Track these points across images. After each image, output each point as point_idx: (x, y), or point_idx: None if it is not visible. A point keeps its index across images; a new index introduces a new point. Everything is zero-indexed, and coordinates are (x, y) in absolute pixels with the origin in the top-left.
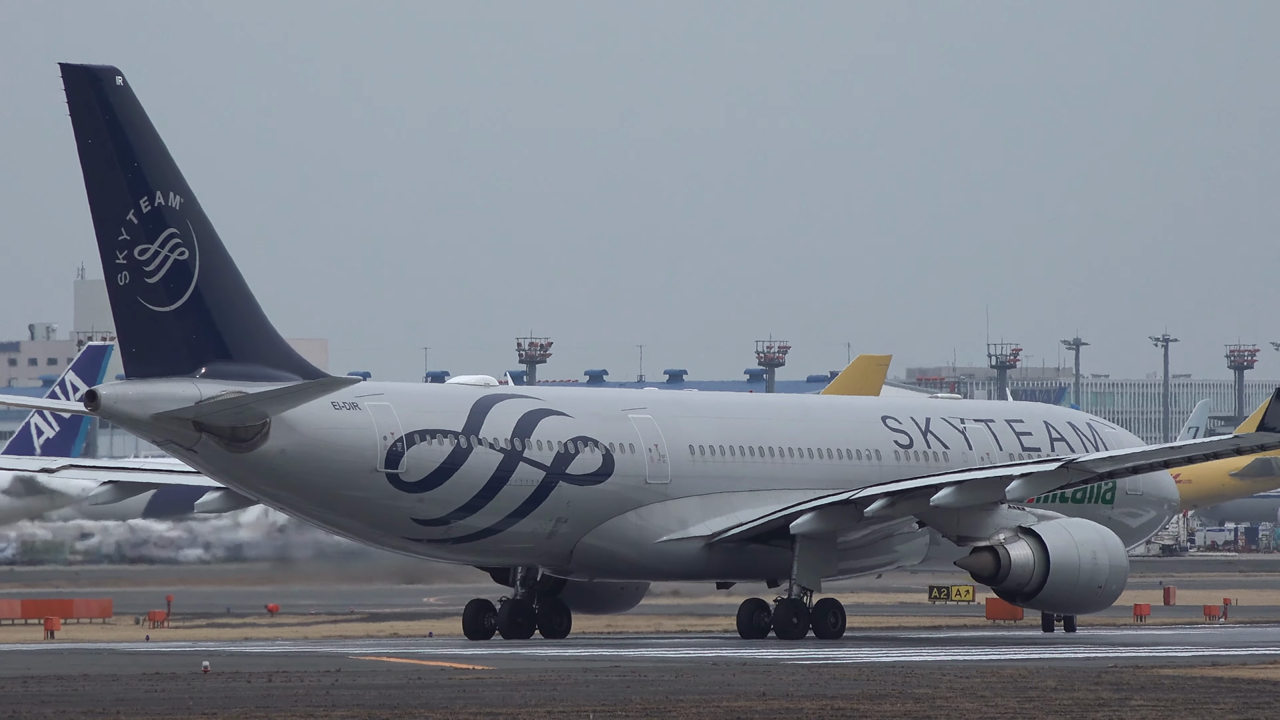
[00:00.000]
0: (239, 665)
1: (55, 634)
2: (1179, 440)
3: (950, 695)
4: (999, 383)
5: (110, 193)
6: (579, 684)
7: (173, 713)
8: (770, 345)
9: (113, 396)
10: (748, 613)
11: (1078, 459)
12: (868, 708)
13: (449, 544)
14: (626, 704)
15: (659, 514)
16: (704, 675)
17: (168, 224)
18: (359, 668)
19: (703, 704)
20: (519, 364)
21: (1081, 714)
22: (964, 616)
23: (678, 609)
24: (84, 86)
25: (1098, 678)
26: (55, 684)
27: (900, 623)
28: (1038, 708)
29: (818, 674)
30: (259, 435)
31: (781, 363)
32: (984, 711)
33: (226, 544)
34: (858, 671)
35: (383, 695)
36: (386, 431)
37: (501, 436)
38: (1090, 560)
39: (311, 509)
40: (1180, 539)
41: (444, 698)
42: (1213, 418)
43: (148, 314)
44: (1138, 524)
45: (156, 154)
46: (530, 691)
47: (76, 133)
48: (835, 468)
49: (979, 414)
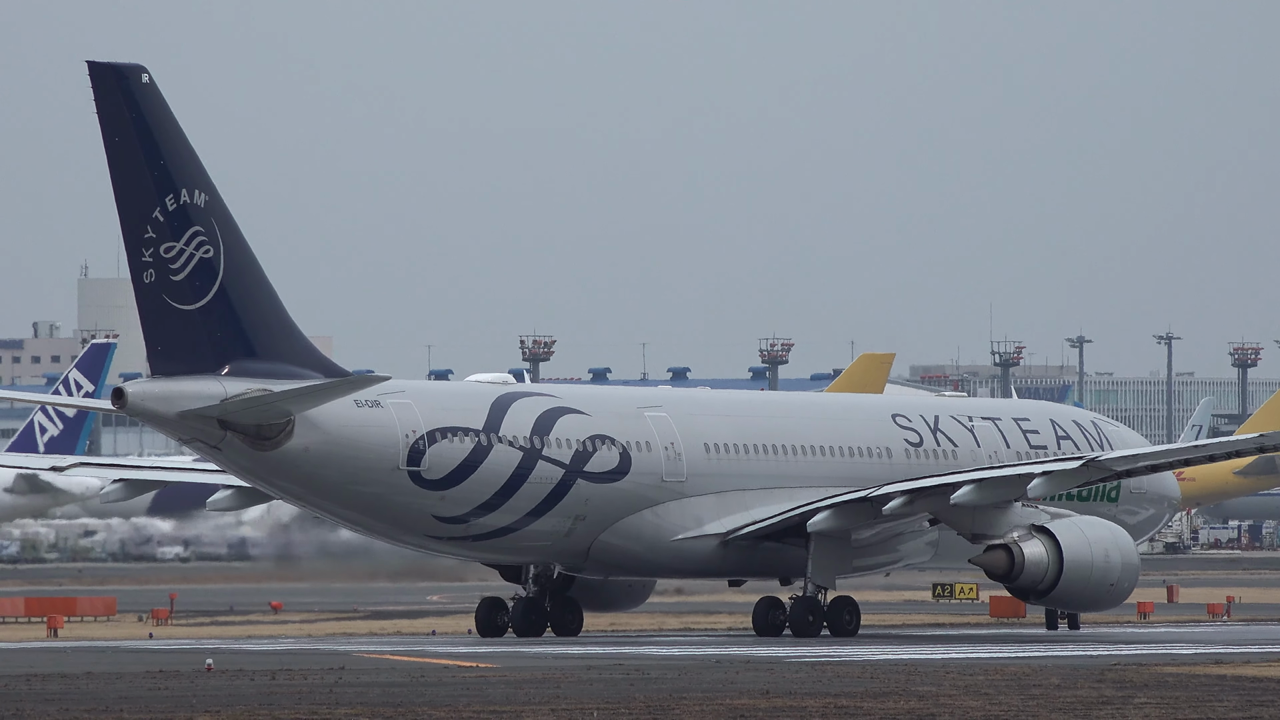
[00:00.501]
0: (242, 663)
1: (58, 632)
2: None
3: (954, 693)
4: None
5: (137, 190)
6: (583, 682)
7: (176, 711)
8: (773, 343)
9: (140, 394)
10: (763, 611)
11: (1100, 457)
12: (871, 705)
13: (469, 542)
14: (630, 702)
15: (675, 512)
16: (707, 673)
17: (193, 222)
18: (362, 665)
19: (706, 702)
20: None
21: (1085, 712)
22: (968, 614)
23: (681, 607)
24: (111, 85)
25: (1101, 675)
26: (58, 682)
27: (904, 621)
28: (1041, 705)
29: (821, 672)
30: (283, 433)
31: (785, 360)
32: (987, 709)
33: (230, 542)
34: (861, 669)
35: (386, 693)
36: (409, 429)
37: (521, 434)
38: (1103, 558)
39: (333, 507)
40: (1184, 537)
41: (448, 696)
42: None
43: (173, 312)
44: (1141, 522)
45: (182, 152)
46: (534, 689)
47: (103, 131)
48: (847, 465)
49: (986, 412)
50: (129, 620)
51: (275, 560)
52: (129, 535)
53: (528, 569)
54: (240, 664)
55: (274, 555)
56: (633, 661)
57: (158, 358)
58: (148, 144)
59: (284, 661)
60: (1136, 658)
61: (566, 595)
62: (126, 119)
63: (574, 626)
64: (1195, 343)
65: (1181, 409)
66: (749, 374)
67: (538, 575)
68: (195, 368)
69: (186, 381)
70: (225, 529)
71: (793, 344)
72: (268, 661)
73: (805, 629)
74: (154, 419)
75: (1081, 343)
